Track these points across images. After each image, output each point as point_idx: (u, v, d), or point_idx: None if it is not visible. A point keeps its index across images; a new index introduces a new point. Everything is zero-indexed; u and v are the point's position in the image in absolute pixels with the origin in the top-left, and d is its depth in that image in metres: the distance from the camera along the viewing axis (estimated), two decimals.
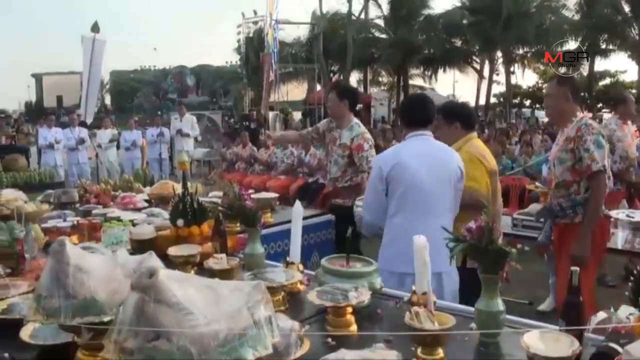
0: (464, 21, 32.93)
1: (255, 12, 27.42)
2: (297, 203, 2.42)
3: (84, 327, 1.56)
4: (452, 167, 3.19)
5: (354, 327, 1.98)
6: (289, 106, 27.55)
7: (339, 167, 4.71)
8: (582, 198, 3.74)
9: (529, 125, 22.39)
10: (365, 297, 1.99)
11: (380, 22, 34.51)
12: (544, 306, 5.36)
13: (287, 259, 2.43)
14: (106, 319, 1.55)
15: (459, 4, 33.84)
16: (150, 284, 1.27)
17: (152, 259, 1.70)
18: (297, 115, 28.18)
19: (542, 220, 4.31)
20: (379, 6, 33.95)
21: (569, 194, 3.79)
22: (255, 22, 28.56)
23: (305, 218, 4.40)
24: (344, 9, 29.36)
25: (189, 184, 3.15)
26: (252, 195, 3.47)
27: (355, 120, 4.81)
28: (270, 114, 21.49)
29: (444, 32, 33.22)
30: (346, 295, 1.96)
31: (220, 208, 2.87)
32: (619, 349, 1.58)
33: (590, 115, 3.96)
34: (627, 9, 31.07)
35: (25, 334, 1.94)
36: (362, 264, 2.30)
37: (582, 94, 34.33)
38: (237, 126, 18.06)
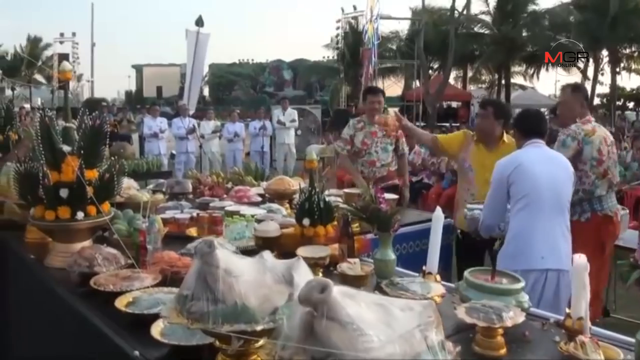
0: (571, 18, 31.34)
1: (354, 7, 27.28)
2: (438, 209, 2.25)
3: (234, 336, 1.48)
4: (568, 171, 3.45)
5: (504, 350, 1.83)
6: (386, 102, 27.18)
7: (388, 153, 5.52)
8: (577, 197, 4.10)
9: (634, 129, 21.02)
10: (520, 318, 1.82)
11: (484, 18, 33.41)
12: None
13: (424, 268, 2.29)
14: (258, 327, 1.46)
15: (567, 0, 32.23)
16: (322, 300, 1.16)
17: (300, 265, 1.60)
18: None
19: None
20: (485, 1, 32.91)
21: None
22: (355, 18, 28.40)
23: (420, 222, 4.30)
24: (446, 4, 28.63)
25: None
26: None
27: None
28: None
29: (550, 29, 31.76)
30: (500, 315, 1.79)
31: (346, 207, 2.77)
32: None
33: (593, 119, 4.41)
34: None
35: (156, 331, 1.88)
36: (508, 280, 2.13)
37: None
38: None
